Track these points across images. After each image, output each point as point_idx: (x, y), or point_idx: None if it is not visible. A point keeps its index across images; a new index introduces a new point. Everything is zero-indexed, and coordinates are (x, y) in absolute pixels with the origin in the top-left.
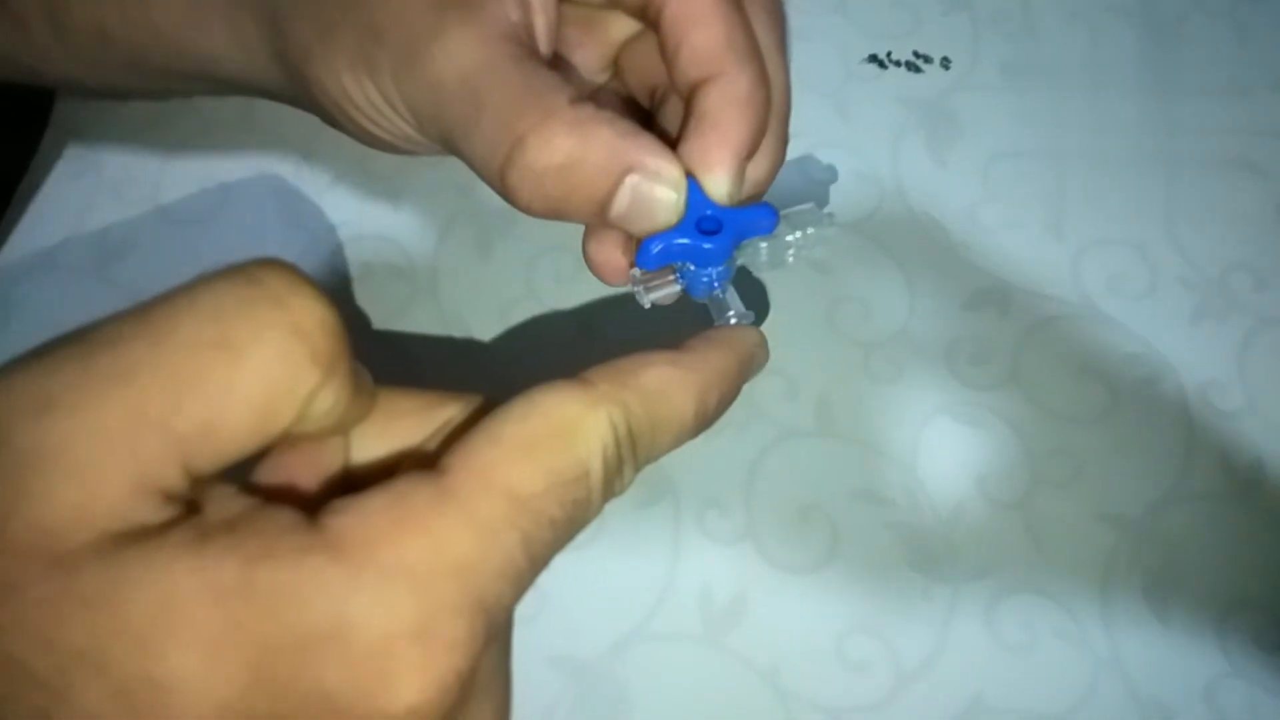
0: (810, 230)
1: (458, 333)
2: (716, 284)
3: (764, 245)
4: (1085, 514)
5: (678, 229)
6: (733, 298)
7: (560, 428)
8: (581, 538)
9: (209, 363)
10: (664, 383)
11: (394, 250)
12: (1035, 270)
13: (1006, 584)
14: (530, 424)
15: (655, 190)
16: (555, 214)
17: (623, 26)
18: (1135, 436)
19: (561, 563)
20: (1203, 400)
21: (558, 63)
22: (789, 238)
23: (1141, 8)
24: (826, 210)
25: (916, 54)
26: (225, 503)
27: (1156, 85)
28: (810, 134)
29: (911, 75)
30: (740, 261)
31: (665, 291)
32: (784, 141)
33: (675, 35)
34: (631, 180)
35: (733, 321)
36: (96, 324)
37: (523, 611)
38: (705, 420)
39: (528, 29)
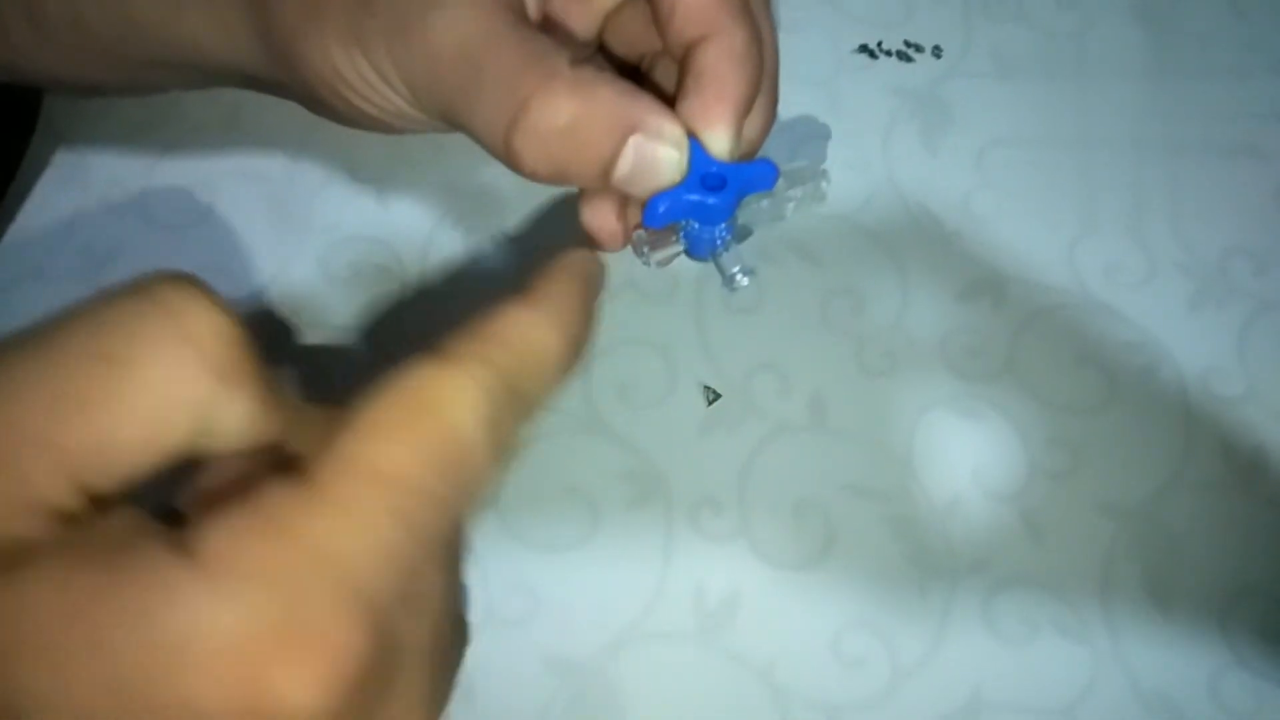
0: (809, 185)
1: (448, 331)
2: (719, 241)
3: (764, 202)
4: (1084, 505)
5: (683, 186)
6: (735, 256)
7: (422, 401)
8: (573, 538)
9: (94, 377)
10: (523, 326)
11: (383, 251)
12: (1030, 259)
13: (1004, 577)
14: (390, 404)
15: (659, 150)
16: (559, 177)
17: None
18: (1134, 425)
19: (553, 564)
20: (1203, 387)
21: (550, 29)
22: (789, 192)
23: None
24: (822, 167)
25: (908, 43)
26: (113, 522)
27: (1152, 69)
28: (801, 125)
29: (903, 64)
30: (741, 220)
31: (668, 252)
32: (775, 100)
33: None
34: (635, 140)
35: (739, 278)
36: None
37: (514, 613)
38: (577, 351)
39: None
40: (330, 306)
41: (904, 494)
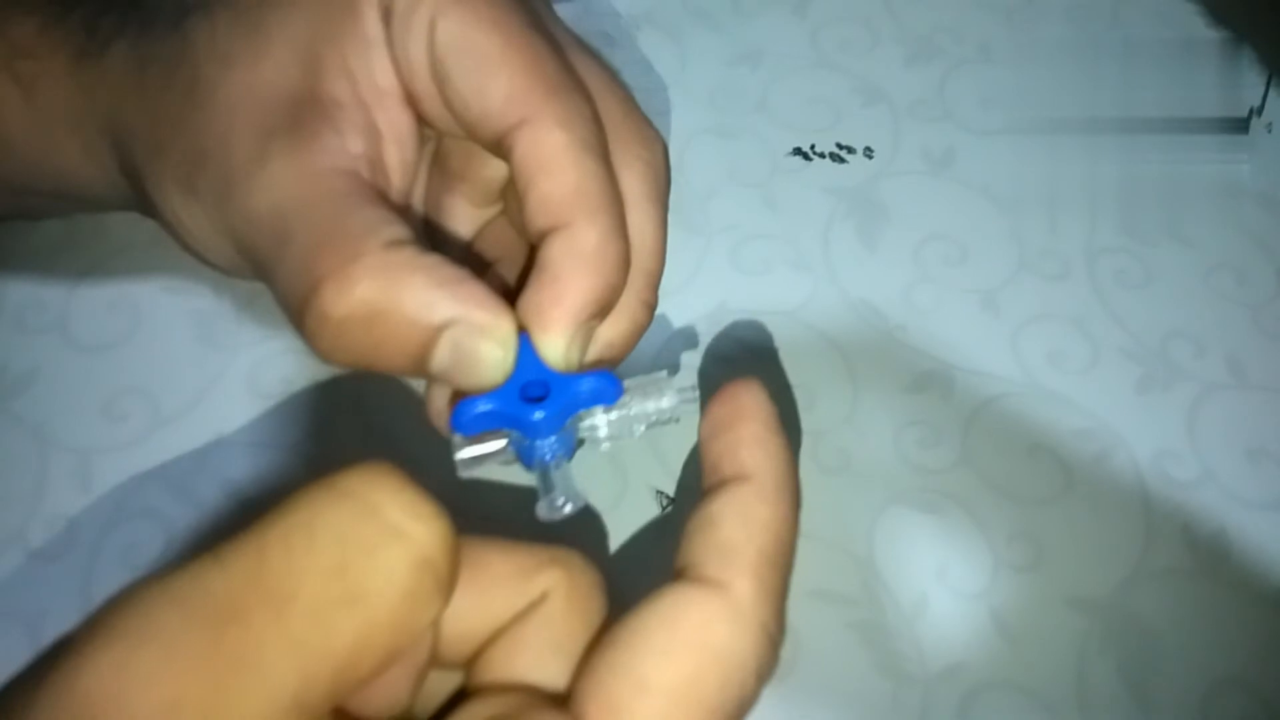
0: (664, 403)
1: (385, 447)
2: (549, 457)
3: (609, 416)
4: (1052, 599)
5: (500, 392)
6: (563, 477)
7: (714, 659)
8: None
9: (338, 626)
10: (765, 519)
11: (317, 366)
12: (976, 350)
13: (979, 681)
14: (676, 661)
15: (479, 346)
16: (364, 366)
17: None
18: (1094, 514)
19: None
20: (1158, 472)
21: (442, 194)
22: (632, 411)
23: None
24: (690, 384)
25: (840, 145)
26: None
27: (1074, 161)
28: (741, 226)
29: (836, 165)
30: (580, 435)
31: (488, 455)
32: (648, 304)
33: (523, 180)
34: (452, 334)
35: (560, 504)
36: (194, 581)
37: None
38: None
39: (373, 161)
40: (260, 424)
41: (869, 597)
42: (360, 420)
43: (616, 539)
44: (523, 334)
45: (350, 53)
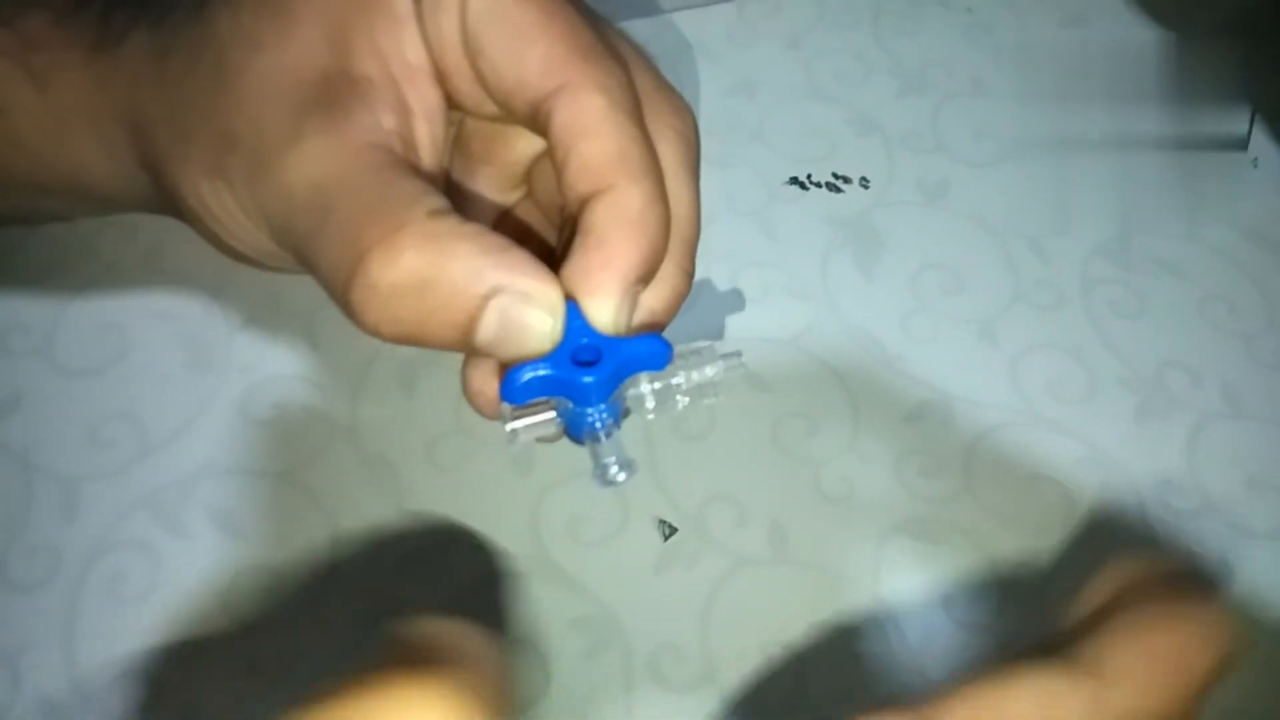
0: (709, 371)
1: (381, 472)
2: (600, 424)
3: (654, 385)
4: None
5: (549, 358)
6: (615, 444)
7: None
8: (525, 698)
9: None
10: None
11: (310, 390)
12: (974, 378)
13: None
14: None
15: (526, 314)
16: (410, 339)
17: (530, 142)
18: (1099, 543)
19: None
20: (1160, 501)
21: (465, 179)
22: (675, 380)
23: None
24: (734, 350)
25: (836, 175)
26: None
27: (1065, 195)
28: (738, 254)
29: (833, 195)
30: (626, 404)
31: (537, 427)
32: (688, 271)
33: (564, 145)
34: (499, 303)
35: (615, 472)
36: None
37: None
38: None
39: (404, 138)
40: (252, 450)
41: (875, 629)
42: (354, 446)
43: (619, 571)
44: (569, 302)
45: (380, 30)
